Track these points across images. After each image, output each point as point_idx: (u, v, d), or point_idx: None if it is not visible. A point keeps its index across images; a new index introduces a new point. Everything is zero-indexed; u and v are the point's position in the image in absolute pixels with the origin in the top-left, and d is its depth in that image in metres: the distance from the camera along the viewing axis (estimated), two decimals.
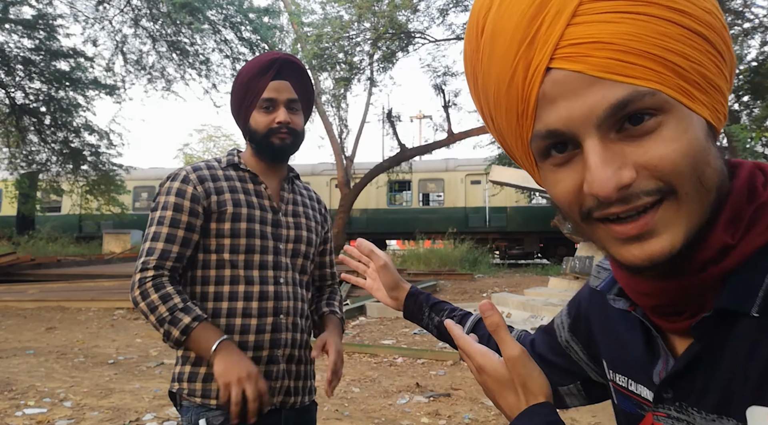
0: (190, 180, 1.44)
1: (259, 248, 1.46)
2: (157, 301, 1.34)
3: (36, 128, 14.86)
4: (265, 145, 1.49)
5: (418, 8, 12.96)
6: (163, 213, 1.42)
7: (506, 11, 0.50)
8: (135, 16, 14.07)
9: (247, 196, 1.48)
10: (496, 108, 0.54)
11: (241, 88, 1.49)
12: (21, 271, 11.32)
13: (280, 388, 1.45)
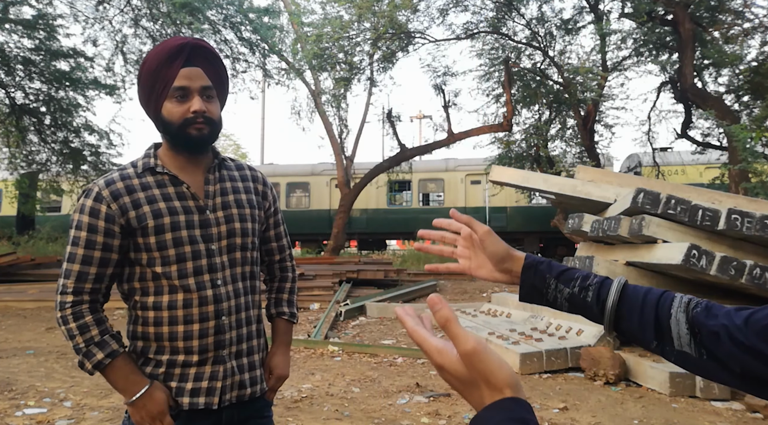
0: (103, 197, 1.38)
1: (190, 255, 1.42)
2: (75, 330, 1.36)
3: (36, 128, 14.86)
4: (181, 136, 1.41)
5: (418, 8, 12.95)
6: (77, 233, 1.38)
7: None
8: (135, 16, 14.06)
9: (168, 203, 1.42)
10: None
11: (149, 77, 1.40)
12: (21, 271, 11.32)
13: (232, 384, 1.46)
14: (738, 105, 12.39)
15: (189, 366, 1.43)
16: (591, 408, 4.05)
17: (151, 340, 1.43)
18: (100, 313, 1.41)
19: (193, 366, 1.43)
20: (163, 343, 1.43)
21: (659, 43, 12.38)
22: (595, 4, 12.80)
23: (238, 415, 1.50)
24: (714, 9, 11.34)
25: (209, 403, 1.43)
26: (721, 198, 6.02)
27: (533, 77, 14.71)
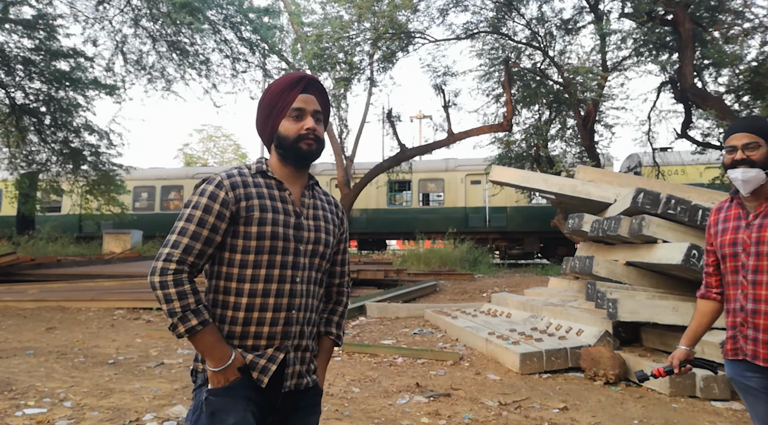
0: (224, 185, 1.60)
1: (281, 249, 1.62)
2: (173, 296, 1.51)
3: (36, 128, 14.85)
4: (293, 150, 1.65)
5: (418, 8, 12.95)
6: (193, 212, 1.58)
7: None
8: (135, 16, 14.05)
9: (273, 202, 1.65)
10: None
11: (271, 99, 1.67)
12: (21, 271, 11.32)
13: (292, 373, 1.64)
14: (738, 105, 12.38)
15: (256, 350, 1.60)
16: (591, 408, 4.05)
17: (226, 323, 1.61)
18: (195, 285, 1.56)
19: (260, 350, 1.60)
20: (236, 328, 1.60)
21: (659, 43, 12.38)
22: (595, 4, 12.80)
23: (292, 403, 1.66)
24: (714, 9, 11.34)
25: (260, 380, 1.59)
26: (721, 198, 6.02)
27: (533, 77, 14.70)
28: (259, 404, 1.60)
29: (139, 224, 19.63)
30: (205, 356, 1.56)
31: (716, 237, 2.16)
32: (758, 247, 1.99)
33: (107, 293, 9.24)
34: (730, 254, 2.09)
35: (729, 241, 2.10)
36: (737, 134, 2.04)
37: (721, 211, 2.22)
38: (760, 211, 2.03)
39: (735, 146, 2.03)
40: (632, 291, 5.23)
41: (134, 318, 7.89)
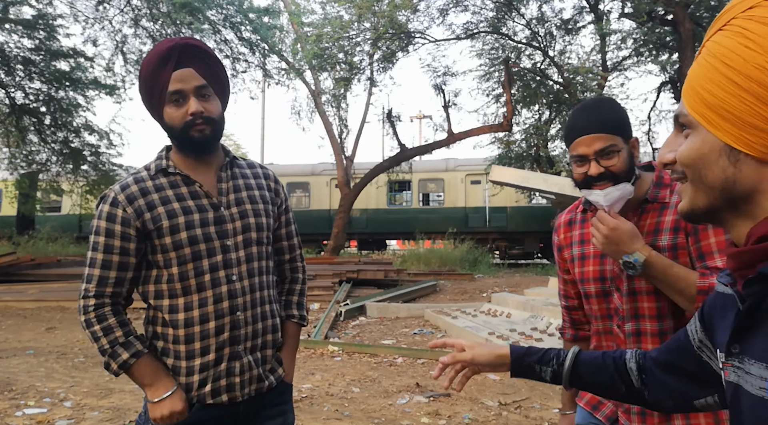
0: (119, 202, 1.42)
1: (206, 252, 1.45)
2: (99, 332, 1.39)
3: (36, 128, 14.85)
4: (185, 140, 1.43)
5: (418, 8, 12.95)
6: (96, 238, 1.42)
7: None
8: (135, 16, 14.05)
9: (182, 203, 1.45)
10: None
11: (145, 84, 1.42)
12: (21, 271, 11.32)
13: (250, 379, 1.49)
14: None
15: (207, 369, 1.45)
16: None
17: (169, 342, 1.46)
18: (122, 316, 1.44)
19: (210, 369, 1.46)
20: (179, 348, 1.45)
21: (659, 43, 12.39)
22: (595, 4, 12.80)
23: (255, 406, 1.53)
24: (714, 9, 11.35)
25: (233, 398, 1.47)
26: None
27: (533, 77, 14.70)
28: (216, 421, 1.49)
29: None
30: (143, 388, 1.43)
31: (573, 265, 1.59)
32: (632, 283, 1.43)
33: None
34: (597, 293, 1.51)
35: (594, 274, 1.52)
36: (584, 137, 1.41)
37: (573, 225, 1.63)
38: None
39: (585, 155, 1.41)
40: None
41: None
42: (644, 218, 1.46)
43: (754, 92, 0.64)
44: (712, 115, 0.67)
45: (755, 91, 0.64)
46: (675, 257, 1.39)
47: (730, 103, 0.65)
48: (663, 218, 1.44)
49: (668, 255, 1.38)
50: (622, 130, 1.42)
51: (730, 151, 0.67)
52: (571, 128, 1.46)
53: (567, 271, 1.64)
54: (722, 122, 0.67)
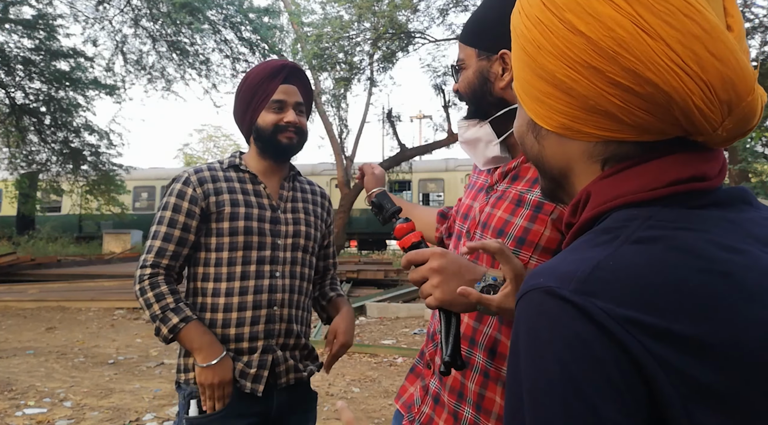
0: (191, 182, 1.54)
1: (257, 244, 1.55)
2: (152, 299, 1.48)
3: (36, 128, 14.85)
4: (272, 142, 1.58)
5: (418, 8, 12.95)
6: (163, 213, 1.53)
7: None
8: (135, 16, 14.05)
9: (246, 196, 1.58)
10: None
11: (249, 90, 1.57)
12: (21, 271, 11.32)
13: (287, 368, 1.59)
14: None
15: (240, 354, 1.53)
16: None
17: (205, 325, 1.54)
18: (174, 285, 1.53)
19: (244, 355, 1.53)
20: (216, 330, 1.53)
21: None
22: None
23: (288, 402, 1.61)
24: None
25: (254, 390, 1.53)
26: None
27: None
28: (254, 415, 1.54)
29: (139, 224, 19.61)
30: (193, 352, 1.48)
31: (467, 191, 1.35)
32: (486, 223, 1.15)
33: (107, 293, 9.24)
34: (458, 233, 1.27)
35: (465, 204, 1.28)
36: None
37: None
38: (512, 166, 1.17)
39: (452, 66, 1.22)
40: None
41: (134, 318, 7.89)
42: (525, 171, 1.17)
43: (524, 60, 0.61)
44: (517, 85, 0.64)
45: (524, 59, 0.61)
46: (532, 219, 1.08)
47: (519, 74, 0.63)
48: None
49: (526, 214, 1.08)
50: (480, 36, 1.14)
51: (534, 125, 0.64)
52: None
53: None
54: (522, 93, 0.64)
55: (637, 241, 0.51)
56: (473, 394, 1.10)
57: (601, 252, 0.52)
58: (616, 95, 0.54)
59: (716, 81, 0.52)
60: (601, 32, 0.53)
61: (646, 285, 0.48)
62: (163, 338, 1.48)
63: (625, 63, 0.52)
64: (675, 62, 0.51)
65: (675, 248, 0.50)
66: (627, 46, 0.52)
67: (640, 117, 0.55)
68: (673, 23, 0.51)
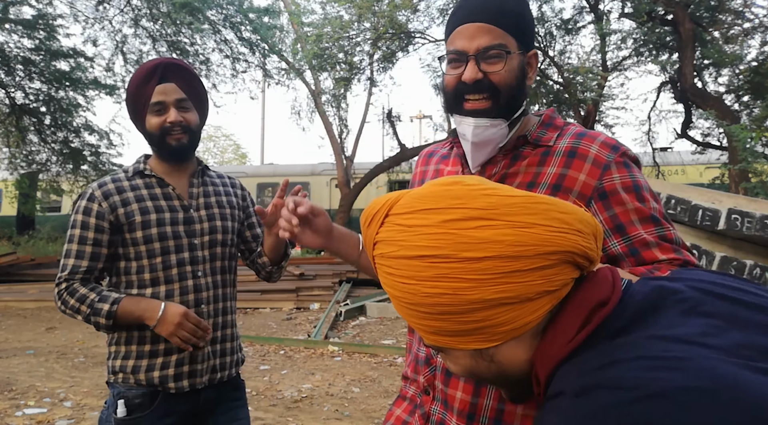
0: (95, 197, 1.56)
1: (174, 248, 1.59)
2: (76, 304, 1.51)
3: (36, 128, 14.84)
4: (162, 145, 1.59)
5: (418, 8, 12.94)
6: (72, 231, 1.55)
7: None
8: (135, 16, 14.05)
9: (155, 202, 1.60)
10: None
11: (131, 97, 1.59)
12: (21, 271, 11.32)
13: (206, 368, 1.62)
14: (738, 105, 12.39)
15: (170, 353, 1.56)
16: None
17: (134, 330, 1.57)
18: (91, 284, 1.57)
19: (174, 354, 1.56)
20: (145, 333, 1.56)
21: (659, 43, 12.38)
22: (595, 4, 12.80)
23: (214, 397, 1.64)
24: (714, 9, 11.34)
25: (193, 384, 1.58)
26: (721, 198, 6.02)
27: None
28: (181, 412, 1.57)
29: None
30: (142, 320, 1.51)
31: None
32: None
33: None
34: None
35: None
36: (468, 25, 1.05)
37: (432, 158, 1.29)
38: (495, 171, 1.11)
39: (463, 51, 1.05)
40: None
41: None
42: (518, 164, 1.09)
43: (439, 313, 0.65)
44: (436, 339, 0.69)
45: (439, 311, 0.65)
46: None
47: (438, 327, 0.67)
48: (543, 169, 1.07)
49: None
50: (521, 30, 1.07)
51: (479, 353, 0.69)
52: (456, 10, 1.08)
53: None
54: (450, 340, 0.68)
55: (576, 395, 0.57)
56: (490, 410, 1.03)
57: (555, 419, 0.58)
58: (540, 276, 0.64)
59: (579, 225, 0.67)
60: (499, 249, 0.64)
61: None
62: (105, 328, 1.51)
63: (529, 253, 0.63)
64: (557, 230, 0.65)
65: (606, 388, 0.55)
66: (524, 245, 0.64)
67: (561, 279, 0.65)
68: (538, 219, 0.66)
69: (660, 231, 1.03)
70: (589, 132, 1.12)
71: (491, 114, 1.06)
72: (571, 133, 1.11)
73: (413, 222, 0.66)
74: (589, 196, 1.04)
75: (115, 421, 1.53)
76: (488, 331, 0.66)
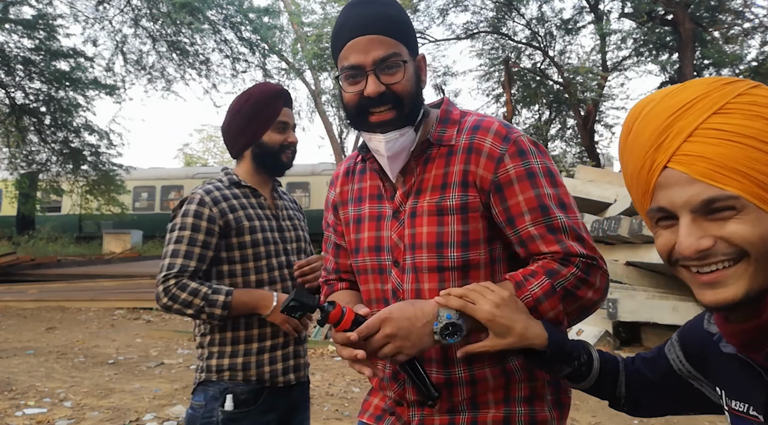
0: (206, 202, 1.64)
1: (274, 252, 1.71)
2: (189, 297, 1.56)
3: (36, 128, 14.85)
4: (275, 159, 1.72)
5: (418, 8, 12.95)
6: (181, 233, 1.62)
7: (646, 123, 0.74)
8: (135, 16, 14.06)
9: (254, 210, 1.72)
10: (631, 183, 0.78)
11: (254, 108, 1.68)
12: (21, 271, 11.32)
13: (303, 364, 1.76)
14: None
15: (275, 349, 1.68)
16: (591, 409, 4.05)
17: (241, 329, 1.66)
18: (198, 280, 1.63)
19: (279, 349, 1.69)
20: (252, 331, 1.66)
21: (659, 43, 12.38)
22: (595, 4, 12.80)
23: (298, 395, 1.77)
24: (714, 9, 11.35)
25: (298, 378, 1.73)
26: None
27: (533, 77, 14.71)
28: (282, 407, 1.70)
29: (139, 224, 19.62)
30: (256, 309, 1.62)
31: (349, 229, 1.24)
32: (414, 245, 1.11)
33: (107, 293, 9.24)
34: (372, 268, 1.19)
35: (369, 238, 1.18)
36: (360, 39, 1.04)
37: (351, 176, 1.27)
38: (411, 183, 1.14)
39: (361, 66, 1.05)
40: (632, 291, 5.23)
41: (134, 318, 7.89)
42: (429, 168, 1.13)
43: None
44: (766, 195, 0.68)
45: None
46: (464, 221, 1.08)
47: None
48: (450, 168, 1.10)
49: (456, 219, 1.08)
50: (409, 36, 1.10)
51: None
52: (341, 27, 1.08)
53: (342, 236, 1.27)
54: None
55: None
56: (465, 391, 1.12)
57: None
58: None
59: None
60: None
61: None
62: (218, 318, 1.59)
63: None
64: None
65: None
66: None
67: None
68: None
69: (547, 221, 1.05)
70: (483, 122, 1.12)
71: (397, 124, 1.09)
72: (468, 126, 1.13)
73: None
74: (487, 190, 1.08)
75: (221, 414, 1.60)
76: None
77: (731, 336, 0.77)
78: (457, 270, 1.09)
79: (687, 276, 0.74)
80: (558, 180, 1.10)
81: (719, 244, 0.68)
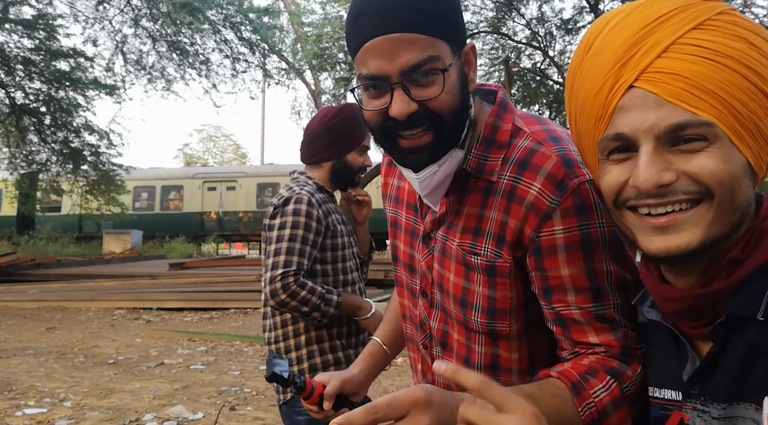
0: (314, 203, 1.74)
1: (349, 255, 1.86)
2: (307, 295, 1.65)
3: (36, 128, 14.85)
4: (351, 178, 1.85)
5: None
6: (294, 231, 1.69)
7: (613, 36, 0.63)
8: (135, 16, 14.06)
9: (338, 215, 1.87)
10: (581, 111, 0.68)
11: (347, 126, 1.79)
12: (21, 271, 11.32)
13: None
14: None
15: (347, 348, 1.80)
16: None
17: (334, 326, 1.78)
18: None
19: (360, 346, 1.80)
20: (336, 342, 1.79)
21: None
22: (595, 4, 12.81)
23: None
24: None
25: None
26: None
27: (533, 77, 14.71)
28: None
29: (139, 224, 19.62)
30: (359, 311, 1.77)
31: (390, 228, 1.15)
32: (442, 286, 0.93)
33: (107, 293, 9.24)
34: (407, 285, 1.06)
35: (404, 252, 1.06)
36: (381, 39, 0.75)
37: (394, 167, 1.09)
38: (443, 210, 0.91)
39: (385, 76, 0.76)
40: None
41: (134, 318, 7.89)
42: (465, 201, 0.88)
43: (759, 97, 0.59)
44: (740, 129, 0.59)
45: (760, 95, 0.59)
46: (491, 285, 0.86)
47: (760, 117, 0.60)
48: (486, 212, 0.86)
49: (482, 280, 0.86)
50: (451, 27, 0.79)
51: (748, 169, 0.62)
52: (357, 16, 0.78)
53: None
54: (748, 137, 0.60)
55: None
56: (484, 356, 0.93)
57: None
58: None
59: None
60: None
61: None
62: (329, 317, 1.70)
63: None
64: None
65: None
66: None
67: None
68: None
69: (598, 309, 0.79)
70: (535, 155, 0.84)
71: (436, 152, 0.81)
72: (516, 158, 0.85)
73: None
74: (525, 246, 0.83)
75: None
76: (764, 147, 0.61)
77: (667, 302, 0.66)
78: (484, 335, 0.89)
79: (633, 221, 0.64)
80: (625, 249, 0.81)
81: (682, 180, 0.59)
